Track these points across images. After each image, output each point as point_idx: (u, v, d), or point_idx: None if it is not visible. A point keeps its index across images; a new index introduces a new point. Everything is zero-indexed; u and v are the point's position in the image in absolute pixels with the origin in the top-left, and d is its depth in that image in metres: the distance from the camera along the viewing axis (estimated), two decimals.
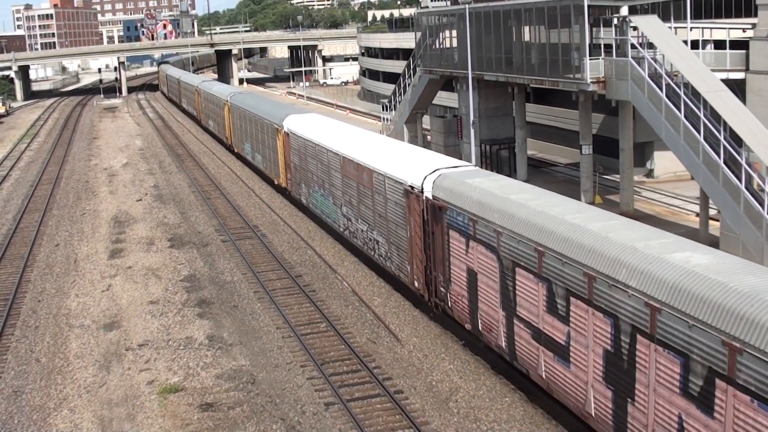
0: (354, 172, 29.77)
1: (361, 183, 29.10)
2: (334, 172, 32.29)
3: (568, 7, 35.10)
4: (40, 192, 50.65)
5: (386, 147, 30.01)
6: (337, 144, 32.20)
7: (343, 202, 31.56)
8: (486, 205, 20.20)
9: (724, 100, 28.91)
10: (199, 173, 54.09)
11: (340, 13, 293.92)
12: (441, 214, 22.49)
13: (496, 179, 22.63)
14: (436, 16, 50.04)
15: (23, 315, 27.77)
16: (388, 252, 27.16)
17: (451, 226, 21.93)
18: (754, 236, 26.45)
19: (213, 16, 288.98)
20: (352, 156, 29.90)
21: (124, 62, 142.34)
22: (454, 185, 22.33)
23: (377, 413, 19.37)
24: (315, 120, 39.61)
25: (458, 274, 21.91)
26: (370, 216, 28.59)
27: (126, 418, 20.02)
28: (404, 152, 28.48)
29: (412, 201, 24.28)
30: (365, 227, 29.17)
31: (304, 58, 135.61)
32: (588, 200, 36.76)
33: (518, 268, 18.52)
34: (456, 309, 22.39)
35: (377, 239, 28.06)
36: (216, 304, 27.94)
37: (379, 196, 27.28)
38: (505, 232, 19.00)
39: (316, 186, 35.38)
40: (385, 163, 27.09)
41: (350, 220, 30.95)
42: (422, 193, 23.54)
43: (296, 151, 38.37)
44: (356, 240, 30.58)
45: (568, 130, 48.10)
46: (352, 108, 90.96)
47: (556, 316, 17.21)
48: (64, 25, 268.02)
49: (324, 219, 35.01)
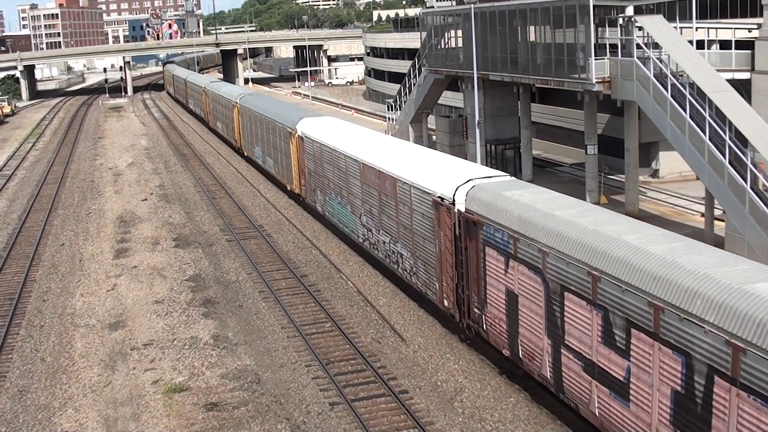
0: (375, 180, 28.12)
1: (383, 192, 27.42)
2: (352, 180, 30.74)
3: (574, 7, 35.06)
4: (45, 191, 50.75)
5: (411, 154, 28.22)
6: (356, 150, 30.64)
7: (362, 211, 29.93)
8: (529, 221, 18.54)
9: (730, 100, 28.87)
10: (205, 173, 54.14)
11: (346, 13, 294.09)
12: (476, 230, 20.78)
13: (537, 192, 20.80)
14: (442, 16, 50.01)
15: (28, 314, 27.83)
16: (413, 267, 25.42)
17: (488, 243, 20.18)
18: (760, 236, 26.40)
19: (218, 16, 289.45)
20: (374, 163, 28.30)
21: (130, 62, 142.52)
22: (490, 198, 20.61)
23: (382, 413, 19.38)
24: (331, 124, 37.89)
25: (496, 296, 20.18)
26: (393, 227, 26.93)
27: (131, 418, 20.05)
28: (431, 160, 26.66)
29: (441, 213, 22.56)
30: (387, 239, 27.53)
31: (310, 57, 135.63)
32: (593, 200, 36.73)
33: (568, 293, 16.83)
34: (492, 333, 20.70)
35: (401, 252, 26.36)
36: (221, 303, 27.97)
37: (404, 207, 25.63)
38: (552, 252, 17.34)
39: (332, 193, 33.68)
40: (410, 172, 25.41)
41: (370, 230, 29.32)
42: (453, 205, 21.85)
43: (311, 156, 36.69)
44: (377, 252, 28.97)
45: (574, 130, 48.06)
46: (357, 108, 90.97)
47: (614, 348, 15.50)
48: (69, 24, 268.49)
49: (341, 228, 33.36)
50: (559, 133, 52.04)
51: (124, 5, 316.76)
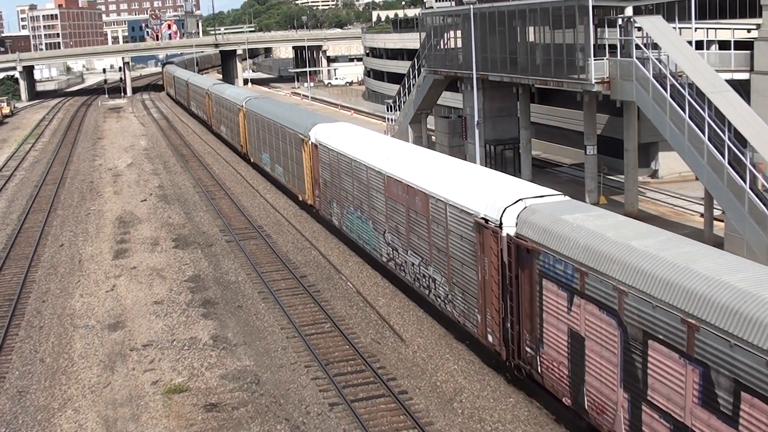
0: (402, 194, 25.71)
1: (412, 208, 25.02)
2: (375, 193, 28.35)
3: (573, 8, 35.08)
4: (44, 192, 50.74)
5: (445, 167, 25.43)
6: (380, 161, 28.12)
7: (387, 228, 27.54)
8: (600, 253, 16.11)
9: (729, 100, 28.89)
10: (204, 174, 54.14)
11: (345, 14, 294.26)
12: (530, 259, 18.41)
13: (601, 216, 18.45)
14: (441, 17, 50.03)
15: (28, 315, 27.82)
16: (449, 294, 22.94)
17: (546, 275, 17.82)
18: (759, 237, 26.41)
19: (217, 17, 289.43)
20: (401, 176, 25.80)
21: (129, 62, 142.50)
22: (548, 222, 18.22)
23: (381, 413, 19.39)
24: (348, 131, 35.31)
25: (555, 336, 17.81)
26: (424, 248, 24.43)
27: (130, 419, 20.04)
28: (470, 175, 23.94)
29: (486, 237, 20.14)
30: (417, 261, 25.09)
31: (309, 58, 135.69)
32: (593, 200, 36.74)
33: (653, 341, 14.50)
34: (549, 377, 18.27)
35: (434, 277, 23.90)
36: (220, 304, 27.97)
37: (438, 227, 23.18)
38: (631, 292, 14.95)
39: (351, 207, 31.39)
40: (445, 188, 22.93)
41: (396, 250, 26.90)
42: (501, 228, 19.46)
43: (326, 166, 34.34)
44: (404, 274, 26.46)
45: (573, 130, 48.09)
46: (356, 108, 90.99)
47: (716, 413, 13.21)
48: (68, 25, 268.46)
49: (361, 245, 30.97)
50: (558, 134, 52.06)
51: (124, 6, 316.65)
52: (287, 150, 41.86)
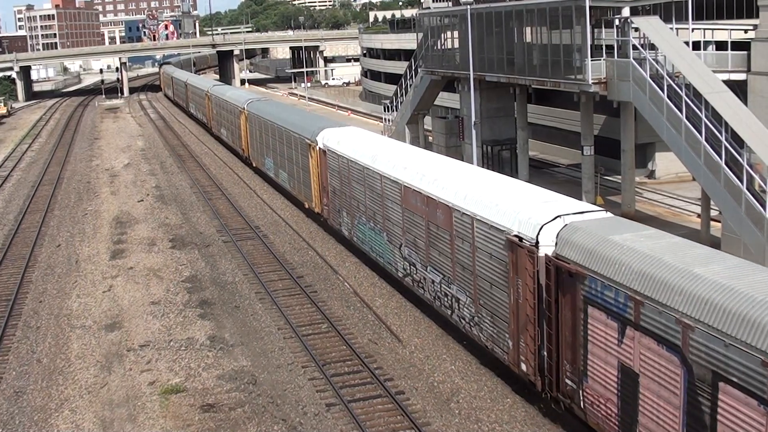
0: (421, 206, 24.12)
1: (432, 222, 23.42)
2: (390, 204, 26.77)
3: (570, 8, 35.09)
4: (41, 192, 50.69)
5: (470, 177, 23.56)
6: (395, 169, 26.53)
7: (403, 241, 25.90)
8: (659, 280, 14.41)
9: (726, 101, 28.90)
10: (201, 174, 54.11)
11: (342, 14, 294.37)
12: (573, 283, 16.83)
13: (654, 236, 16.67)
14: (438, 17, 50.04)
15: (25, 316, 27.79)
16: (475, 316, 21.33)
17: (593, 302, 16.20)
18: (756, 237, 26.44)
19: (215, 17, 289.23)
20: (420, 186, 24.22)
21: (126, 63, 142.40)
22: (593, 243, 16.55)
23: (379, 414, 19.39)
24: (359, 136, 33.55)
25: (602, 370, 16.16)
26: (446, 265, 22.85)
27: (127, 419, 20.03)
28: (500, 187, 22.00)
29: (520, 257, 18.56)
30: (438, 278, 23.47)
31: (306, 58, 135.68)
32: (589, 201, 36.74)
33: (725, 385, 12.95)
34: (594, 414, 16.67)
35: (457, 297, 22.31)
36: (217, 304, 27.95)
37: (463, 243, 21.60)
38: (699, 327, 13.39)
39: (363, 217, 29.79)
40: (472, 200, 21.30)
41: (414, 265, 25.31)
42: (537, 248, 17.94)
43: (336, 173, 32.75)
44: (423, 292, 24.84)
45: (570, 131, 48.11)
46: (353, 109, 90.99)
47: None
48: (65, 25, 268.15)
49: (374, 258, 29.30)
50: (555, 134, 52.08)
51: (121, 6, 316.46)
52: (292, 155, 40.30)
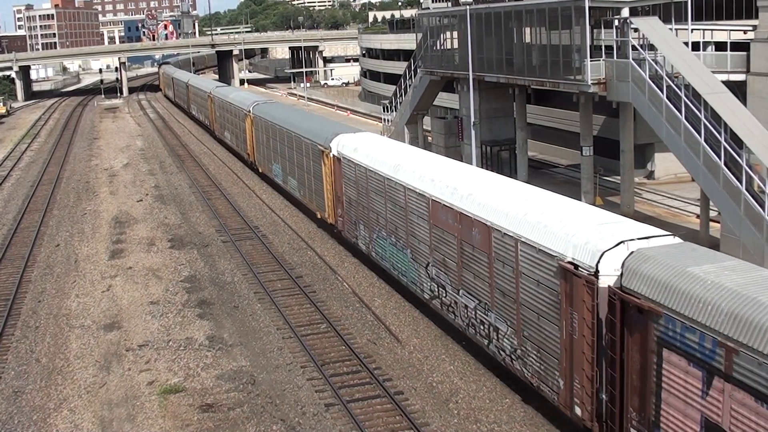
0: (453, 223, 22.11)
1: (466, 241, 21.38)
2: (416, 218, 24.73)
3: (569, 9, 35.11)
4: (40, 192, 50.66)
5: (512, 193, 21.25)
6: (422, 181, 24.46)
7: (431, 260, 23.86)
8: (758, 325, 12.52)
9: (725, 101, 28.92)
10: (200, 174, 54.09)
11: (341, 14, 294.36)
12: (644, 321, 14.82)
13: (741, 269, 14.42)
14: (437, 17, 50.04)
15: (24, 315, 27.78)
16: (517, 349, 19.38)
17: (669, 345, 14.21)
18: (755, 238, 26.46)
19: (214, 17, 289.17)
20: (451, 201, 22.23)
21: (125, 62, 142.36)
22: (669, 275, 14.39)
23: (377, 414, 19.39)
24: (378, 143, 31.57)
25: (680, 424, 14.18)
26: (483, 291, 20.80)
27: (126, 419, 20.03)
28: (548, 205, 19.57)
29: (575, 287, 16.58)
30: (473, 304, 21.46)
31: (305, 58, 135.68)
32: (588, 201, 36.75)
33: None
34: None
35: (496, 326, 20.30)
36: (216, 304, 27.95)
37: (504, 267, 19.53)
38: None
39: (383, 231, 27.84)
40: (516, 219, 19.16)
41: (443, 288, 23.26)
42: (596, 277, 15.94)
43: (352, 183, 30.81)
44: (454, 317, 22.85)
45: (569, 131, 48.12)
46: (353, 109, 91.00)
47: None
48: (65, 25, 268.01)
49: (396, 277, 27.35)
50: (554, 135, 52.08)
51: (120, 6, 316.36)
52: (303, 162, 38.11)
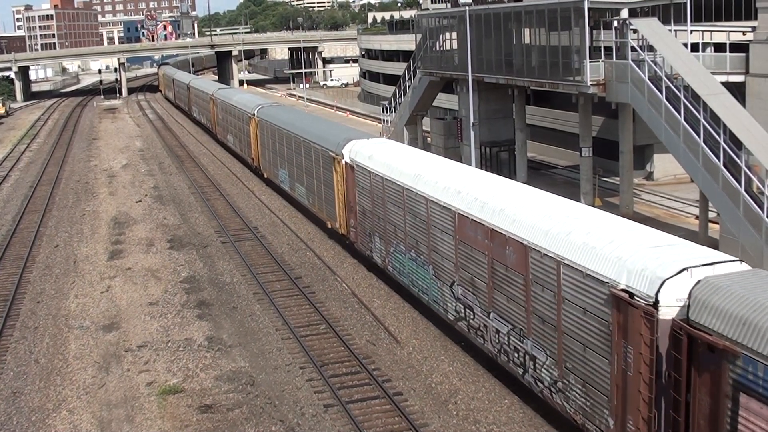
0: (483, 240, 20.44)
1: (499, 260, 19.69)
2: (439, 233, 23.03)
3: (569, 10, 35.12)
4: (39, 193, 50.64)
5: (548, 208, 19.36)
6: (446, 192, 22.80)
7: (457, 279, 22.17)
8: None
9: (724, 102, 28.93)
10: (199, 174, 54.08)
11: (341, 15, 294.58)
12: (715, 360, 13.22)
13: None
14: (437, 18, 50.05)
15: (22, 316, 27.76)
16: (558, 381, 17.65)
17: (748, 389, 12.61)
18: (754, 239, 26.46)
19: (213, 18, 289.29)
20: (481, 216, 20.54)
21: (125, 63, 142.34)
22: (747, 309, 12.76)
23: (376, 415, 19.38)
24: (394, 150, 29.57)
25: None
26: (518, 315, 19.12)
27: (125, 420, 20.01)
28: (592, 223, 17.81)
29: (631, 318, 14.86)
30: (505, 329, 19.79)
31: (305, 59, 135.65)
32: (588, 202, 36.76)
33: None
34: None
35: (533, 354, 18.60)
36: (215, 305, 27.94)
37: (544, 291, 17.83)
38: None
39: (401, 245, 26.14)
40: (557, 239, 17.49)
41: (471, 309, 21.54)
42: (656, 308, 14.26)
43: (366, 192, 29.14)
44: (483, 342, 21.15)
45: (568, 132, 48.12)
46: (352, 110, 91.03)
47: None
48: (64, 25, 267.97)
49: (415, 294, 25.57)
50: (553, 136, 52.09)
51: (119, 6, 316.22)
52: (312, 168, 36.31)
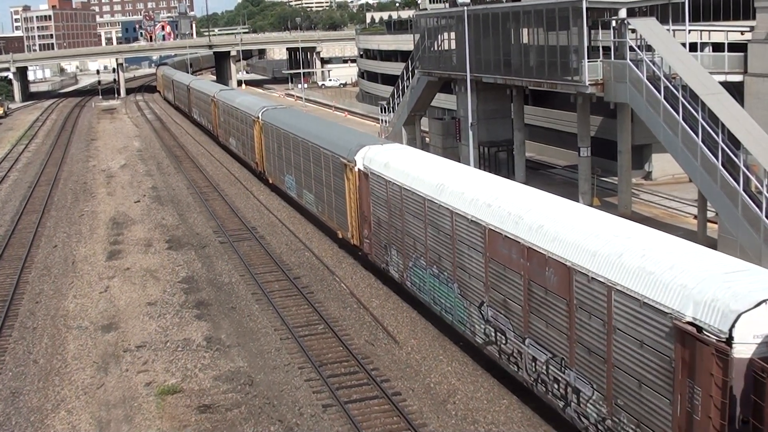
0: (518, 259, 18.73)
1: (537, 282, 18.00)
2: (466, 249, 21.32)
3: (567, 10, 35.14)
4: (38, 193, 50.60)
5: (594, 226, 17.53)
6: (474, 205, 21.05)
7: (486, 300, 20.52)
8: None
9: (722, 102, 28.96)
10: (197, 174, 54.06)
11: (339, 15, 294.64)
12: None
13: None
14: (435, 18, 50.07)
15: (21, 316, 27.74)
16: (607, 419, 16.00)
17: None
18: (752, 238, 26.49)
19: (211, 18, 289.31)
20: (515, 233, 18.80)
21: (123, 63, 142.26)
22: None
23: (375, 415, 19.38)
24: (413, 158, 27.61)
25: None
26: (559, 343, 17.45)
27: (124, 420, 20.00)
28: (647, 244, 15.97)
29: (699, 355, 13.27)
30: (543, 357, 18.11)
31: (303, 59, 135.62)
32: (586, 202, 36.77)
33: None
34: None
35: (577, 387, 16.88)
36: (214, 305, 27.92)
37: (591, 319, 16.12)
38: None
39: (422, 260, 24.39)
40: (607, 262, 15.76)
41: (503, 333, 19.83)
42: (731, 346, 12.79)
43: (381, 201, 27.44)
44: (517, 369, 19.45)
45: (566, 132, 48.15)
46: (350, 110, 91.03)
47: None
48: (62, 26, 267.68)
49: (438, 313, 23.81)
50: (552, 136, 52.12)
51: (117, 7, 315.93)
52: (321, 175, 34.65)
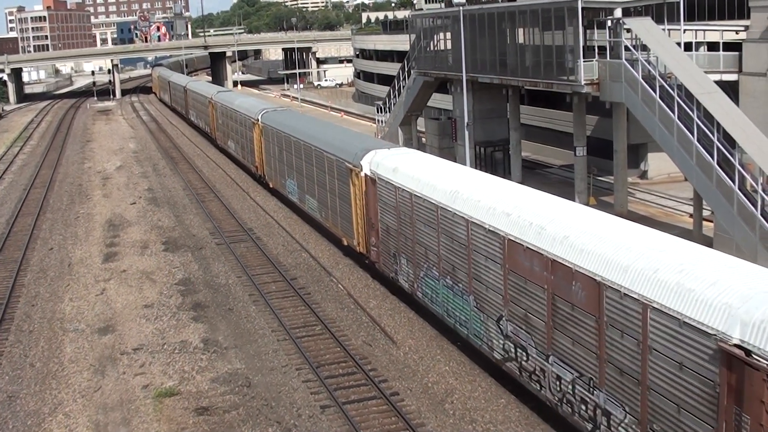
0: (540, 272, 17.82)
1: (562, 296, 17.10)
2: (483, 260, 20.40)
3: (562, 10, 35.18)
4: (33, 195, 50.50)
5: (625, 238, 16.40)
6: (492, 214, 20.04)
7: (505, 314, 19.59)
8: None
9: (718, 101, 29.02)
10: (194, 176, 54.02)
11: (335, 15, 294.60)
12: None
13: None
14: (431, 18, 50.08)
15: (17, 319, 27.69)
16: None
17: None
18: (748, 237, 26.55)
19: (207, 18, 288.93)
20: (538, 244, 17.90)
21: (118, 65, 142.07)
22: None
23: (373, 415, 19.39)
24: (424, 163, 26.57)
25: None
26: (586, 361, 16.51)
27: (121, 423, 19.98)
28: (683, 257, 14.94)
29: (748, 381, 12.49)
30: (569, 376, 17.12)
31: (299, 60, 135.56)
32: (582, 201, 36.81)
33: None
34: None
35: (607, 410, 15.96)
36: (211, 307, 27.91)
37: (622, 336, 15.26)
38: None
39: (434, 270, 23.40)
40: (641, 276, 14.82)
41: (524, 350, 18.91)
42: None
43: (390, 209, 26.44)
44: (539, 388, 18.42)
45: (562, 131, 48.20)
46: (346, 110, 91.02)
47: None
48: (57, 27, 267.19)
49: (452, 326, 22.86)
50: (548, 135, 52.17)
51: (112, 8, 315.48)
52: (325, 180, 33.60)
